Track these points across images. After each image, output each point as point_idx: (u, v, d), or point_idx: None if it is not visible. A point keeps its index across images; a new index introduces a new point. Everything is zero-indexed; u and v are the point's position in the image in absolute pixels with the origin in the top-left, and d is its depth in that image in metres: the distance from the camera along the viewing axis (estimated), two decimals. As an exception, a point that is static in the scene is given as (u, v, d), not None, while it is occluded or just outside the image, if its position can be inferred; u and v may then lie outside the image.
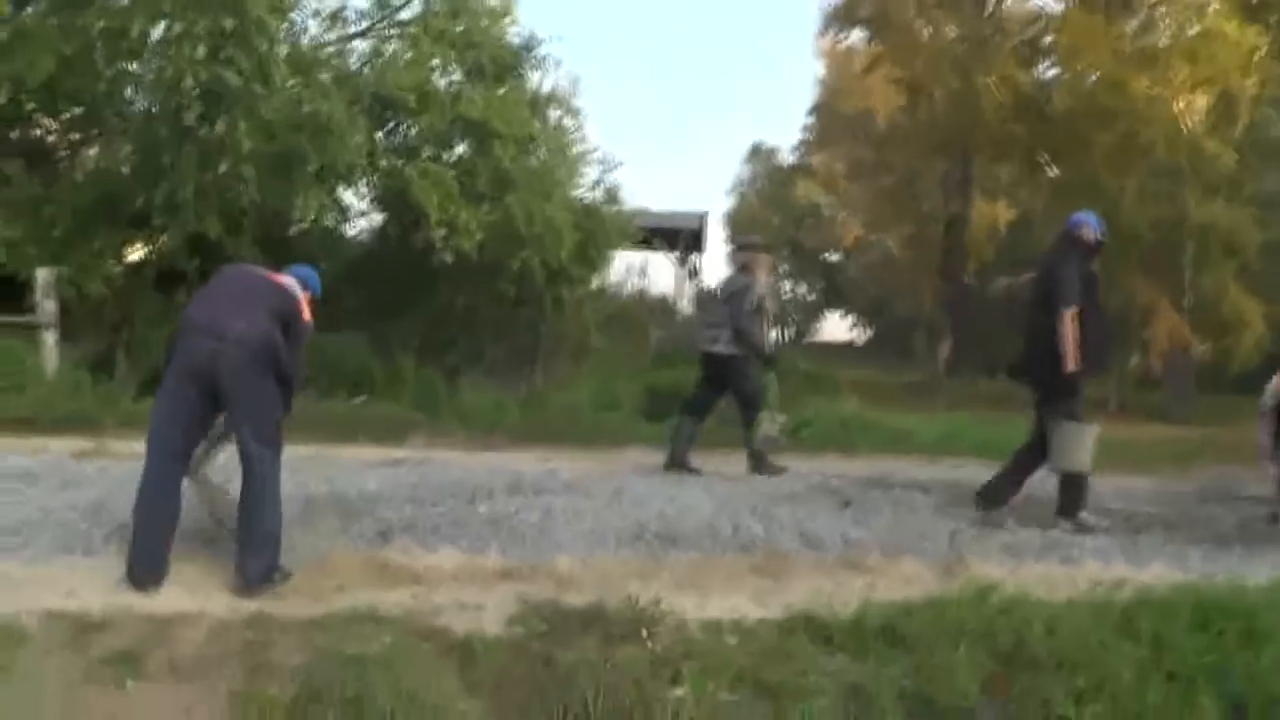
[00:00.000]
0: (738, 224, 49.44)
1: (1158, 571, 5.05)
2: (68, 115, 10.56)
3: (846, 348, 44.88)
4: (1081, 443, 6.01)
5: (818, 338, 51.31)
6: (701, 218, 28.93)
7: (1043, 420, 6.19)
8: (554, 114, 13.73)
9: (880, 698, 3.36)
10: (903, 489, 6.84)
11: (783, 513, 5.84)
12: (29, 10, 9.58)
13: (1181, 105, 20.85)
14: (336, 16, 12.14)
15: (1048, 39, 23.42)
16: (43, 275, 9.74)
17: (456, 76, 12.52)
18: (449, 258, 11.56)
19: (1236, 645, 3.70)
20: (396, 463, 7.37)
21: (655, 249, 28.18)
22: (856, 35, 29.10)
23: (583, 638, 3.86)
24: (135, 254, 12.34)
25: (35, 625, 3.61)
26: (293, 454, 7.62)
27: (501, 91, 12.39)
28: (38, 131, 11.11)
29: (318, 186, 9.93)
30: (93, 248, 10.04)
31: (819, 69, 40.55)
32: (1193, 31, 20.98)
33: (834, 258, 46.23)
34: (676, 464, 7.55)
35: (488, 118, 11.51)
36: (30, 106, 10.70)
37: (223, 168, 9.20)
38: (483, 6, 12.37)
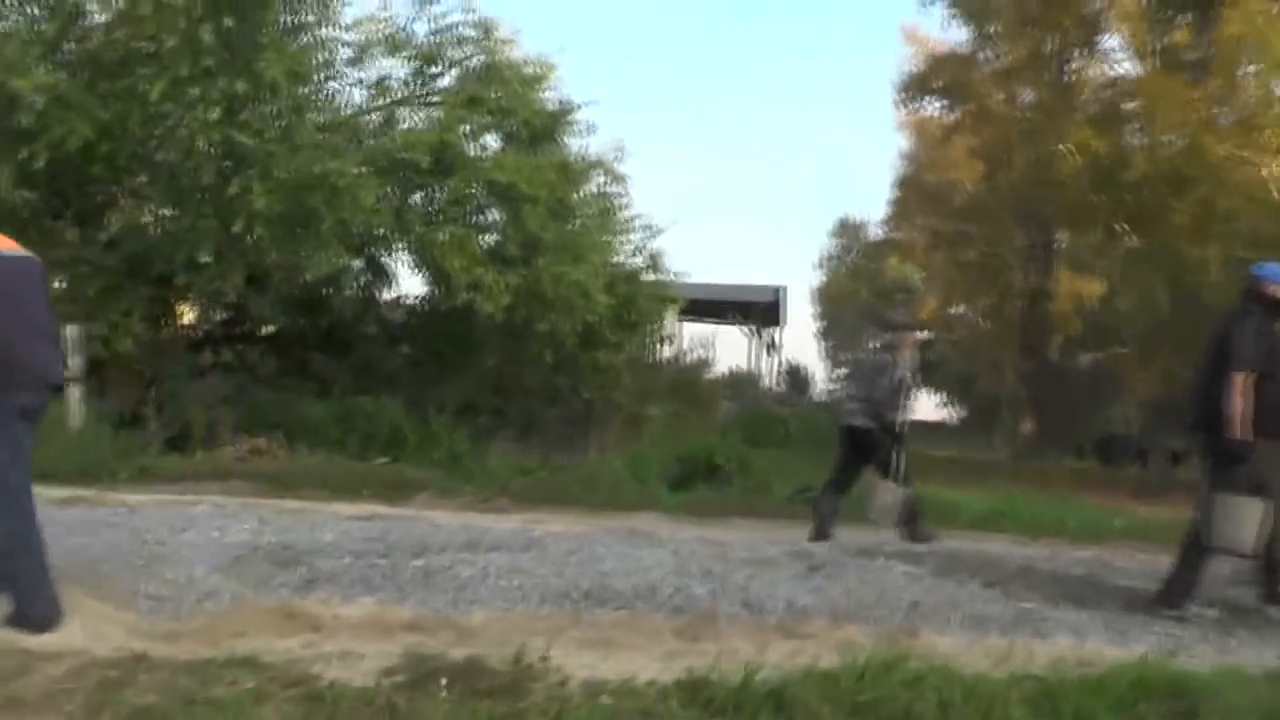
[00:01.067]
0: (827, 298, 49.14)
1: (1138, 650, 4.54)
2: (100, 178, 10.81)
3: (938, 427, 43.66)
4: (1241, 519, 5.35)
5: (912, 416, 50.13)
6: (777, 291, 28.80)
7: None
8: (598, 180, 13.68)
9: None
10: (888, 558, 6.39)
11: (739, 576, 5.51)
12: (64, 77, 9.89)
13: (1271, 170, 19.99)
14: (381, 85, 12.37)
15: (1127, 105, 22.72)
16: (72, 331, 9.95)
17: (492, 141, 12.60)
18: (483, 320, 11.55)
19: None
20: (373, 517, 7.22)
21: (730, 322, 28.12)
22: (935, 105, 28.85)
23: (447, 690, 3.60)
24: (186, 316, 12.67)
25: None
26: (277, 506, 7.70)
27: (535, 157, 12.37)
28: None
29: (333, 246, 9.97)
30: (122, 306, 10.23)
31: (902, 141, 40.44)
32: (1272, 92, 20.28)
33: (925, 334, 45.37)
34: (821, 537, 7.45)
35: (515, 181, 11.49)
36: (77, 172, 11.03)
37: (236, 227, 9.28)
38: (518, 75, 12.42)
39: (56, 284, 10.21)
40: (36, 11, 10.85)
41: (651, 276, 13.65)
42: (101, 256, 10.35)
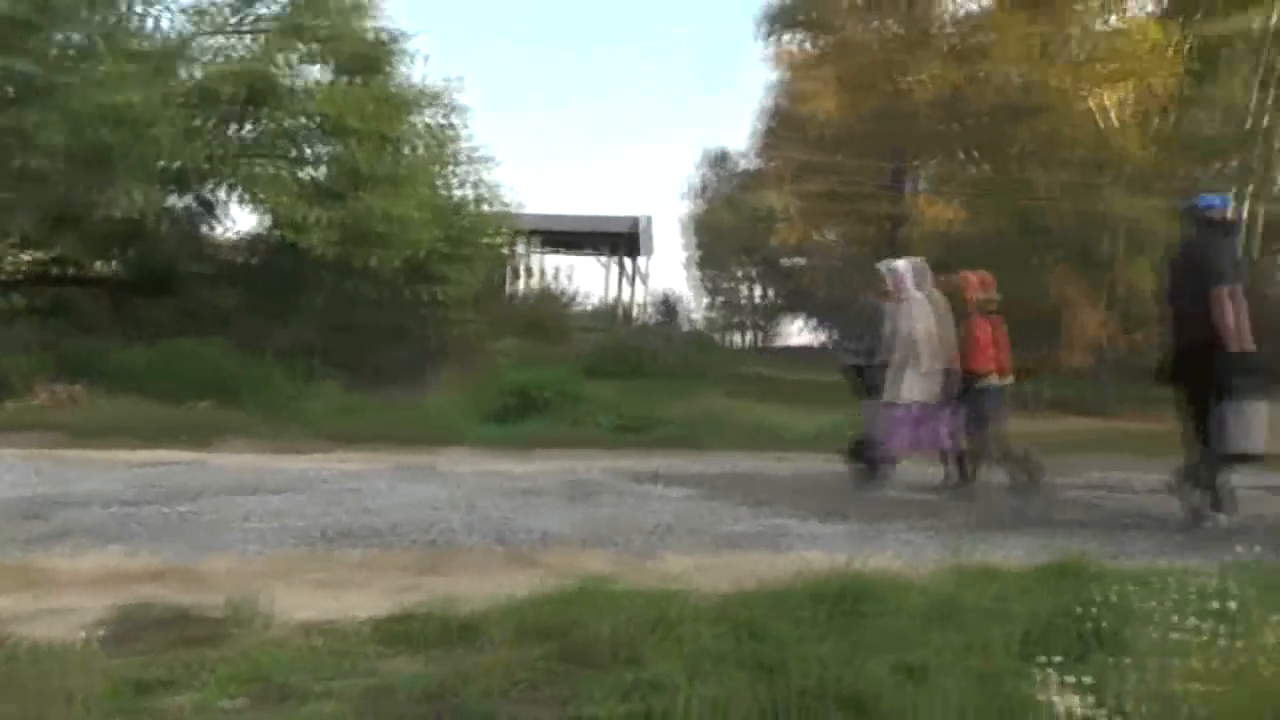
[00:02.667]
0: (700, 228, 49.29)
1: (877, 562, 4.73)
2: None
3: (809, 350, 44.53)
4: (1253, 422, 5.75)
5: (781, 341, 51.00)
6: (639, 221, 28.70)
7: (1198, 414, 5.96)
8: (432, 112, 13.39)
9: (396, 701, 3.06)
10: (667, 484, 6.54)
11: (505, 508, 5.57)
12: None
13: (1100, 101, 20.80)
14: (200, 13, 11.88)
15: (977, 39, 23.20)
16: None
17: (317, 72, 12.24)
18: (312, 258, 11.30)
19: (832, 634, 3.40)
20: (161, 465, 7.07)
21: (591, 253, 28.03)
22: (798, 37, 28.92)
23: (148, 641, 3.57)
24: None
25: None
26: (62, 457, 7.50)
27: (364, 88, 12.05)
28: None
29: (137, 182, 9.58)
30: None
31: (768, 73, 40.45)
32: (1109, 28, 21.10)
33: (795, 262, 45.80)
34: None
35: (340, 114, 11.19)
36: None
37: (16, 161, 8.84)
38: (341, 3, 12.05)
39: None
40: None
41: (486, 208, 13.45)
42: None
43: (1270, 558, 4.25)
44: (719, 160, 47.82)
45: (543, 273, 24.39)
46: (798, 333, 50.18)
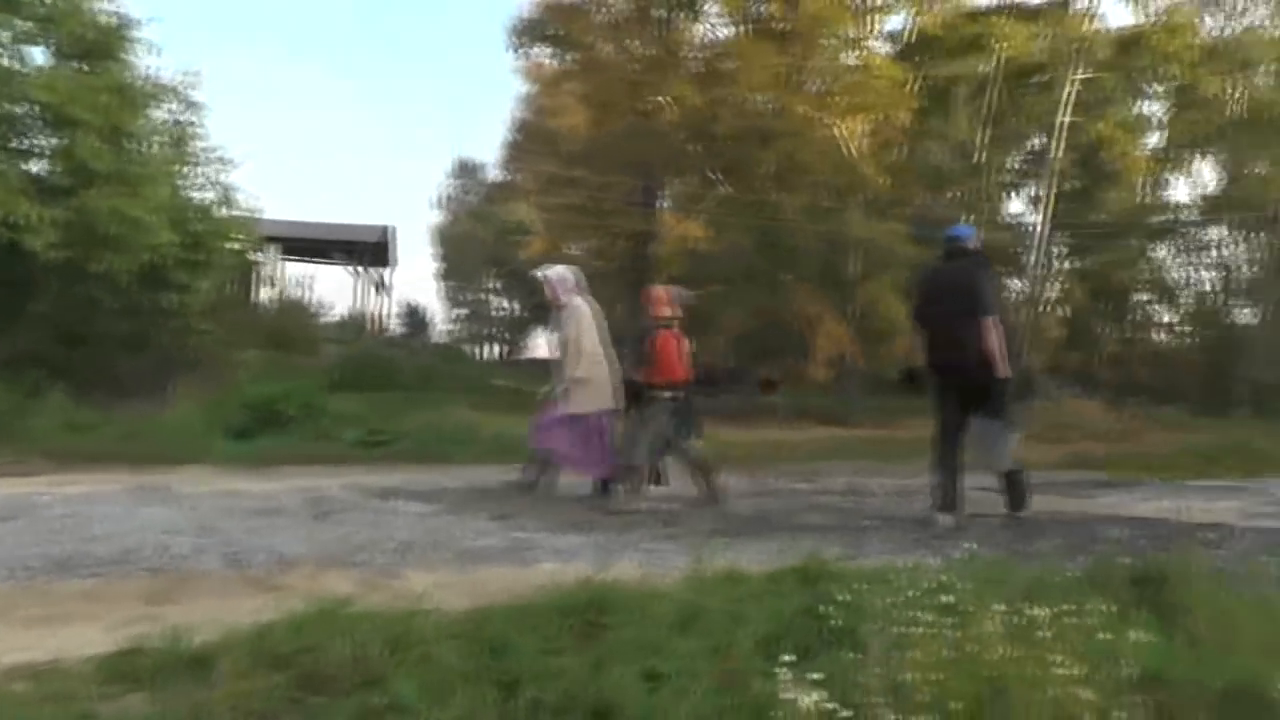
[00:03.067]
0: (445, 239, 48.79)
1: (622, 571, 4.86)
2: None
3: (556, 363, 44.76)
4: (1010, 443, 6.48)
5: (529, 354, 51.19)
6: (386, 230, 28.18)
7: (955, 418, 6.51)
8: (168, 107, 12.66)
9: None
10: (411, 499, 6.51)
11: (238, 529, 5.36)
12: None
13: (842, 131, 22.19)
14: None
15: (724, 65, 24.15)
16: None
17: (38, 56, 11.35)
18: (36, 260, 10.45)
19: (577, 646, 3.51)
20: None
21: (336, 262, 27.26)
22: (548, 52, 29.13)
23: None
24: None
25: None
26: None
27: (92, 76, 11.26)
28: None
29: None
30: None
31: (519, 85, 40.63)
32: (851, 64, 22.57)
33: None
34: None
35: (65, 103, 10.42)
36: None
37: None
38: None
39: None
40: None
41: (227, 212, 12.84)
42: None
43: (986, 553, 4.74)
44: (469, 171, 47.59)
45: (287, 282, 23.57)
46: (546, 345, 50.37)
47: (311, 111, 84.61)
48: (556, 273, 7.78)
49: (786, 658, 3.09)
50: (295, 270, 24.84)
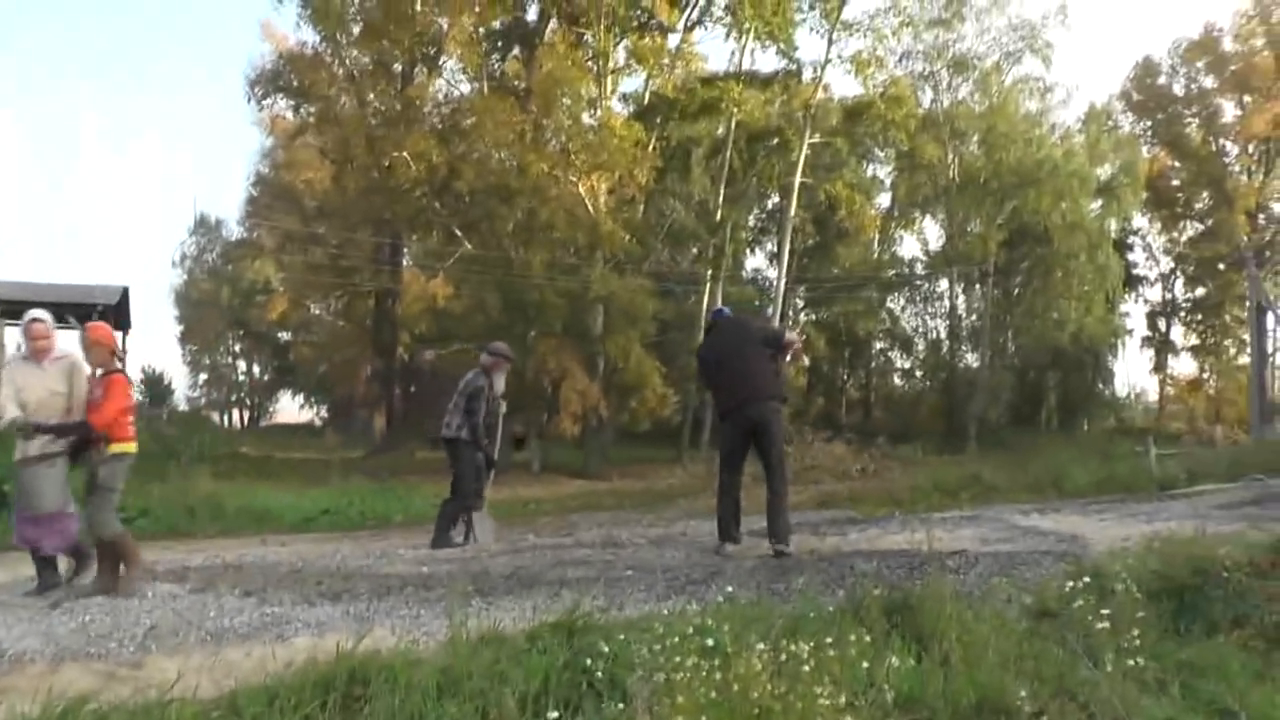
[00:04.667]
0: (186, 300, 46.17)
1: (375, 637, 4.66)
2: None
3: (306, 428, 42.99)
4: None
5: (276, 419, 48.98)
6: (121, 291, 26.38)
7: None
8: None
9: None
10: (154, 579, 6.05)
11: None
12: None
13: (583, 188, 22.62)
14: None
15: (464, 122, 24.19)
16: None
17: None
18: None
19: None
20: None
21: (68, 326, 25.16)
22: (286, 104, 28.31)
23: None
24: None
25: None
26: None
27: None
28: None
29: None
30: None
31: (258, 138, 39.20)
32: (590, 123, 23.12)
33: (285, 336, 44.15)
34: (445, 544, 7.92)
35: None
36: None
37: None
38: None
39: None
40: None
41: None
42: None
43: (744, 594, 4.88)
44: (210, 228, 45.31)
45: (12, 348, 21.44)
46: (296, 410, 48.49)
47: (38, 160, 77.14)
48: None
49: (552, 715, 3.10)
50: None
